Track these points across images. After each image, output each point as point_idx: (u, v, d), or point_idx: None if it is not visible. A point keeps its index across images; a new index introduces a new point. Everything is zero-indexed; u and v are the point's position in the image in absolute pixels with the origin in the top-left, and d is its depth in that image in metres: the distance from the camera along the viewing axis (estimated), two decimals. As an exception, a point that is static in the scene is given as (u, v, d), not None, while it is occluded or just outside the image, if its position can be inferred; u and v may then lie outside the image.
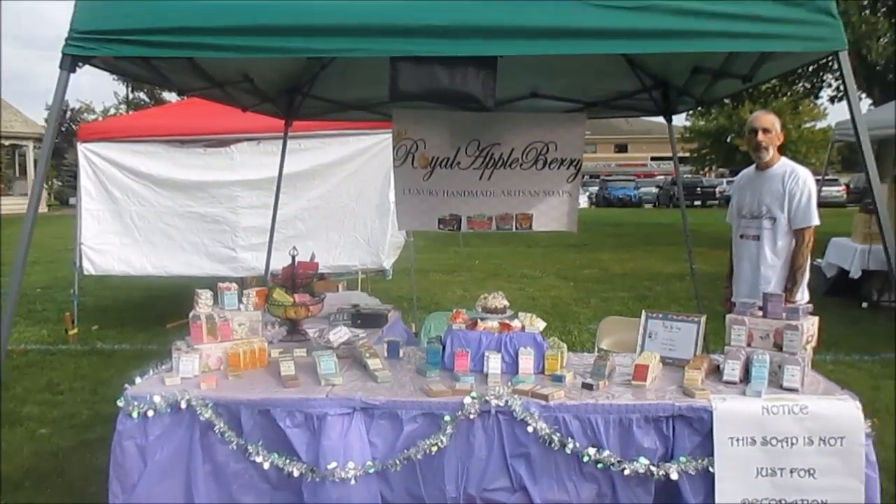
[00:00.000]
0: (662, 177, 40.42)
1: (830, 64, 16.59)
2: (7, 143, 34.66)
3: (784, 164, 4.17)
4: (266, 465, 3.00)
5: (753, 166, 4.34)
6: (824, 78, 17.95)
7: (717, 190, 37.56)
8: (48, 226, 23.47)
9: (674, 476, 2.87)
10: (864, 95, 16.55)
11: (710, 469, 2.87)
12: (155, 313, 8.68)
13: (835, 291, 9.37)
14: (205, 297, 3.50)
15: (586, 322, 8.05)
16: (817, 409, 2.90)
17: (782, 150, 4.28)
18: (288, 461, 2.98)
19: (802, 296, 4.11)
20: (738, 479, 2.88)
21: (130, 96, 39.13)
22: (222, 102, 4.65)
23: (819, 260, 9.99)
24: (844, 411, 2.91)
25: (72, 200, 36.02)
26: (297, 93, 5.12)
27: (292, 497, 3.07)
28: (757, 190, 4.22)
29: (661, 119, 5.20)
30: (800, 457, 2.87)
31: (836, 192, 30.53)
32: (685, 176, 40.89)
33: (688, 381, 3.06)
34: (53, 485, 4.07)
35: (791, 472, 2.88)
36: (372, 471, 2.95)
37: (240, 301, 3.55)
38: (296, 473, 2.96)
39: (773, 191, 4.10)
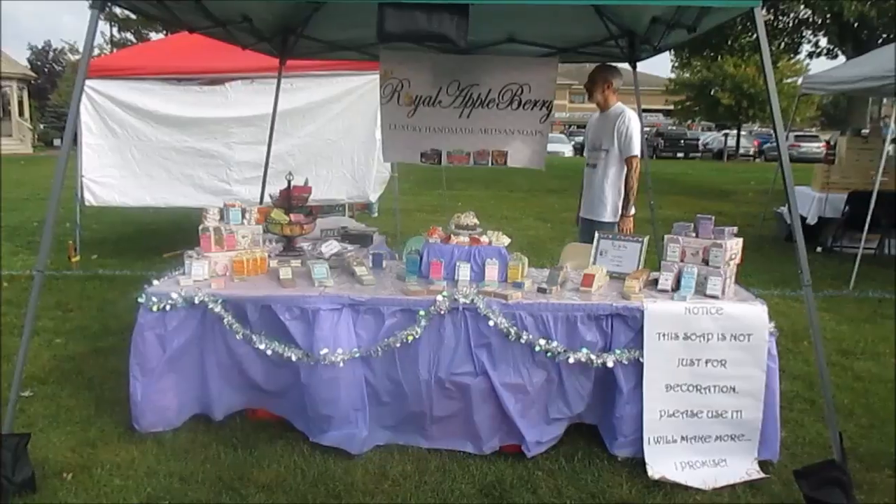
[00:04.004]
0: (647, 128, 40.75)
1: (809, 20, 16.97)
2: (-9, 83, 34.11)
3: (619, 107, 5.02)
4: (268, 352, 3.54)
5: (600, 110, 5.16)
6: (804, 34, 18.28)
7: (701, 142, 38.02)
8: (37, 166, 23.69)
9: (610, 364, 3.45)
10: (839, 52, 16.99)
11: (641, 359, 3.45)
12: (150, 245, 9.12)
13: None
14: (212, 212, 3.99)
15: (558, 258, 8.58)
16: (731, 310, 3.45)
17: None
18: (286, 348, 3.52)
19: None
20: (663, 368, 3.45)
21: (116, 37, 38.58)
22: (224, 40, 5.04)
23: (781, 208, 10.53)
24: (753, 313, 3.46)
25: (56, 142, 35.82)
26: (291, 33, 5.50)
27: (291, 377, 3.63)
28: (598, 128, 5.13)
29: (652, 72, 5.67)
30: (714, 350, 3.44)
31: (816, 148, 31.08)
32: (670, 128, 41.27)
33: (626, 288, 3.62)
34: (74, 381, 4.56)
35: (706, 362, 3.46)
36: (357, 356, 3.51)
37: (243, 217, 4.05)
38: (293, 358, 3.50)
39: (607, 128, 4.97)
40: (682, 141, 37.34)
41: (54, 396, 4.31)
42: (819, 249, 9.22)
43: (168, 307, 3.58)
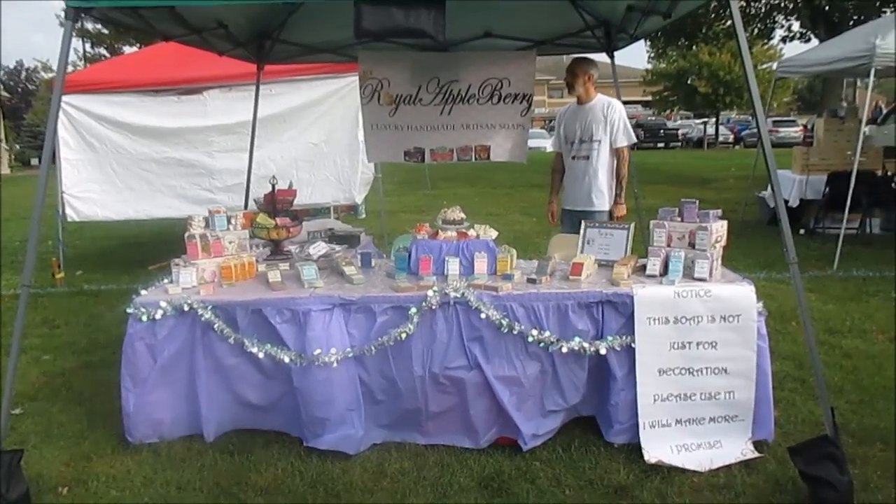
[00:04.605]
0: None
1: (781, 4, 17.13)
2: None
3: (602, 98, 5.00)
4: (261, 355, 3.52)
5: (575, 102, 5.11)
6: (776, 19, 18.44)
7: (680, 133, 38.27)
8: (15, 186, 23.42)
9: (602, 351, 3.46)
10: (812, 35, 17.18)
11: (633, 345, 3.47)
12: (134, 258, 9.06)
13: (777, 220, 9.91)
14: (198, 219, 3.97)
15: (545, 251, 8.60)
16: (719, 292, 3.48)
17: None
18: (279, 350, 3.50)
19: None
20: (654, 353, 3.47)
21: (90, 52, 38.17)
22: (200, 47, 5.01)
23: (763, 192, 10.61)
24: (741, 293, 3.49)
25: (33, 161, 35.40)
26: (267, 38, 5.48)
27: (283, 387, 3.62)
28: (582, 120, 4.99)
29: (629, 63, 5.71)
30: (704, 332, 3.46)
31: (794, 132, 31.37)
32: (649, 118, 41.49)
33: (615, 275, 3.63)
34: (64, 396, 4.52)
35: (697, 345, 3.48)
36: (351, 355, 3.50)
37: (228, 223, 4.03)
38: (286, 360, 3.49)
39: (596, 120, 4.92)
40: (662, 131, 37.56)
41: (45, 412, 4.27)
42: (802, 231, 9.29)
43: (157, 316, 3.55)
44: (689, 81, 34.44)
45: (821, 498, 2.94)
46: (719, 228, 3.79)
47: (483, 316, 3.44)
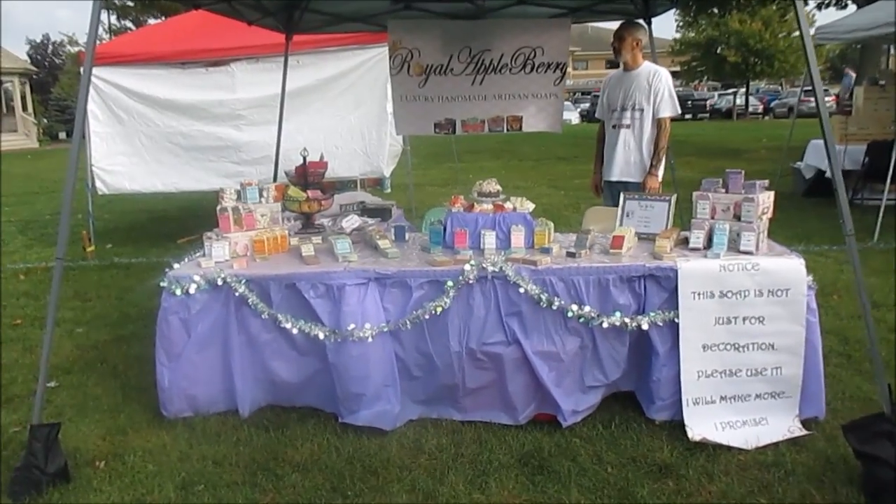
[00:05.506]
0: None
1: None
2: (-8, 78, 33.95)
3: (648, 66, 4.83)
4: (294, 331, 3.46)
5: (621, 68, 4.92)
6: (811, -16, 17.88)
7: (708, 103, 37.55)
8: (44, 160, 23.66)
9: (645, 327, 3.37)
10: (848, 1, 16.63)
11: (676, 320, 3.36)
12: (163, 232, 9.09)
13: (813, 191, 9.66)
14: (229, 192, 3.91)
15: (576, 225, 8.47)
16: (767, 265, 3.36)
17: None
18: (313, 326, 3.45)
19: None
20: (699, 328, 3.37)
21: (116, 25, 38.21)
22: (229, 16, 4.93)
23: (799, 163, 10.34)
24: (790, 267, 3.37)
25: (61, 135, 35.74)
26: (295, 7, 5.37)
27: (317, 363, 3.57)
28: (628, 87, 4.82)
29: (656, 34, 5.50)
30: (751, 307, 3.35)
31: (826, 101, 30.68)
32: (677, 89, 40.82)
33: (658, 248, 3.52)
34: (98, 370, 4.53)
35: (744, 320, 3.36)
36: (386, 330, 3.43)
37: (260, 196, 3.96)
38: (321, 336, 3.43)
39: (640, 87, 4.75)
40: (689, 102, 36.88)
41: (80, 386, 4.28)
42: (840, 203, 9.01)
43: (191, 290, 3.51)
44: (718, 51, 33.73)
45: (876, 476, 2.84)
46: (766, 200, 3.65)
47: (521, 290, 3.35)
